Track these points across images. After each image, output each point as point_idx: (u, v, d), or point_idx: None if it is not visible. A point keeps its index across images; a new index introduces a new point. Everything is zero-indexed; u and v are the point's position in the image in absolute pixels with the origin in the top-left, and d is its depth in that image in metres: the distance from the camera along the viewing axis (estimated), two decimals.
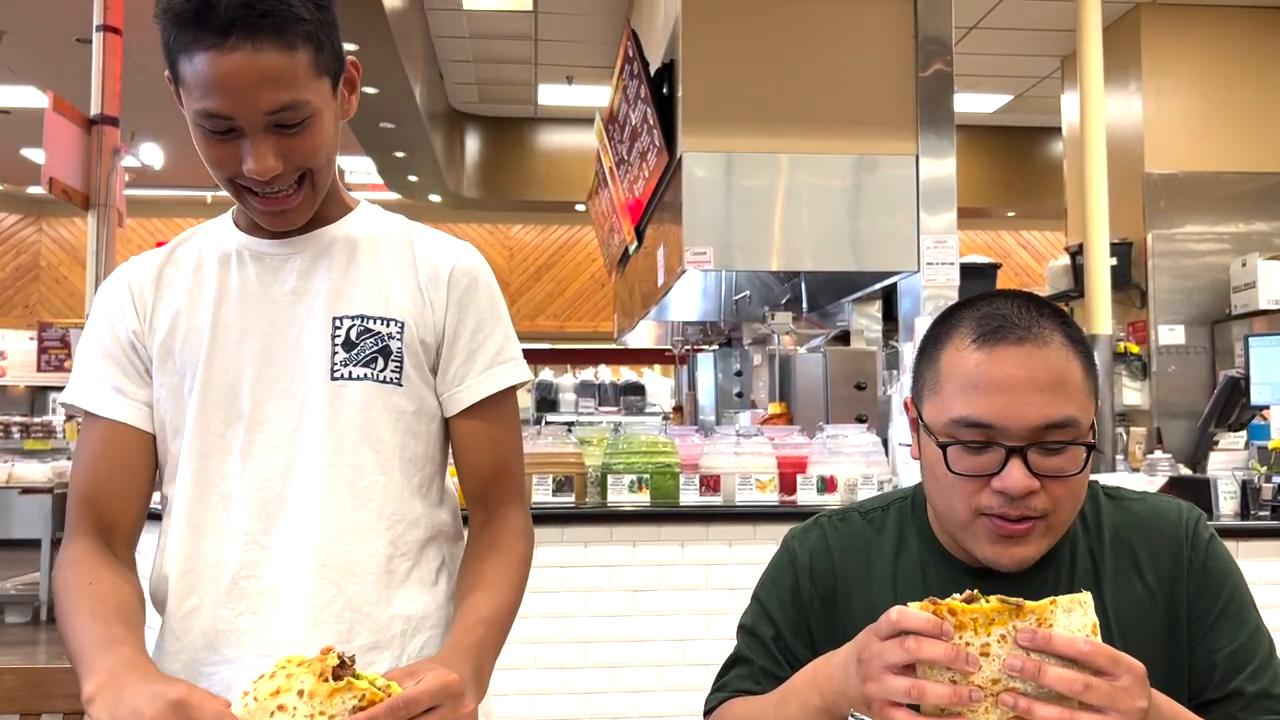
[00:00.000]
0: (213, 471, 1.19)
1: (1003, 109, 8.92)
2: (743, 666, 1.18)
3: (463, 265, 1.27)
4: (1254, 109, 6.41)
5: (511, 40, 7.62)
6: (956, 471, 1.04)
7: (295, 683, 0.87)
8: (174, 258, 1.26)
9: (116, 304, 1.24)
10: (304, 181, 1.15)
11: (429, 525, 1.25)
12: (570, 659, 3.15)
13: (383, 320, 1.21)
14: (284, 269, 1.22)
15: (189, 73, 1.07)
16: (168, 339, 1.21)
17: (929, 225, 4.35)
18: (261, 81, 1.06)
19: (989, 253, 10.88)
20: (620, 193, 6.24)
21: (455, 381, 1.26)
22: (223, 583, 1.17)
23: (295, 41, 1.07)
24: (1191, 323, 6.23)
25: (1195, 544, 1.12)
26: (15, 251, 12.60)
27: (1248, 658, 1.07)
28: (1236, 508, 3.35)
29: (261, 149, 1.09)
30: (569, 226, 12.07)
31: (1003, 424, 1.01)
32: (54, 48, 7.50)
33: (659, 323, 7.67)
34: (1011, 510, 1.03)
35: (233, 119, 1.08)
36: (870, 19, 4.49)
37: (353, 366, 1.19)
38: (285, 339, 1.20)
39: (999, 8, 6.64)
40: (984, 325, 1.05)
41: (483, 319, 1.27)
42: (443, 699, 0.93)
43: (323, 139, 1.14)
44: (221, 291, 1.22)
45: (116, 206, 6.80)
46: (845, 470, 3.40)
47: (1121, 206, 5.82)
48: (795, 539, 1.23)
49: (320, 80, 1.12)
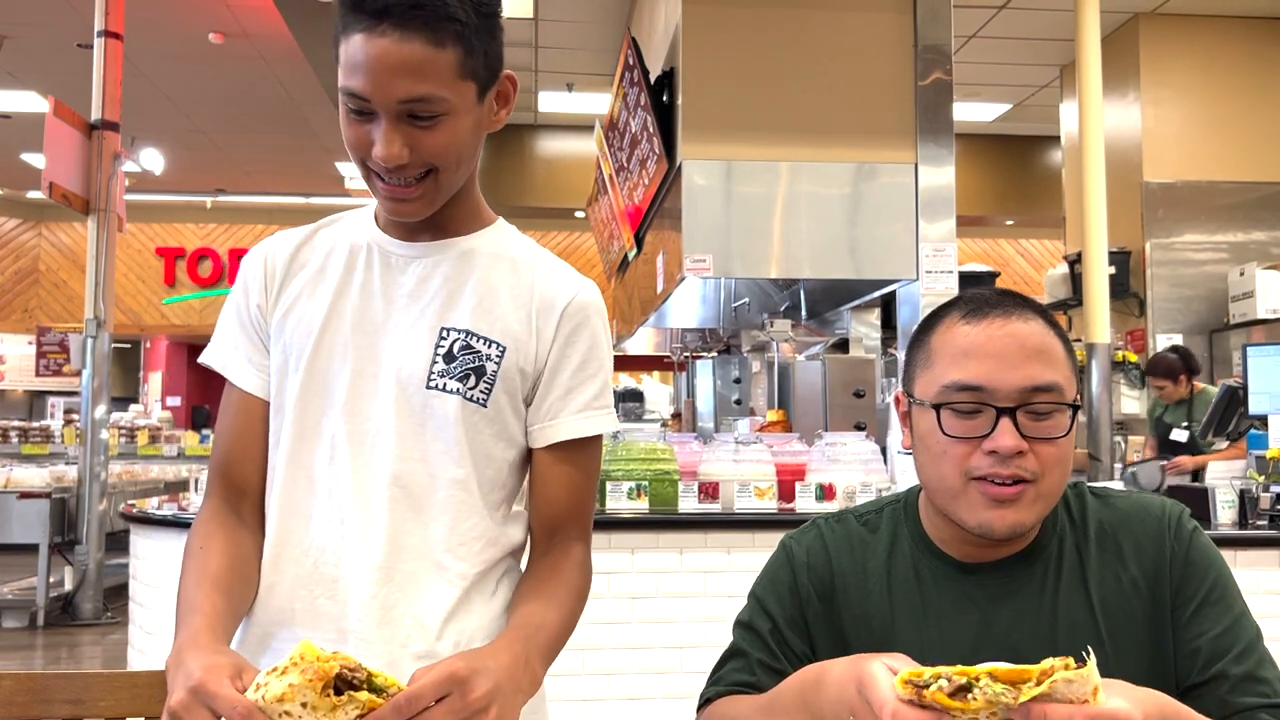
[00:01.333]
0: (304, 455, 1.22)
1: (1002, 118, 8.94)
2: (739, 660, 1.19)
3: (579, 301, 1.26)
4: (1252, 119, 6.43)
5: (512, 47, 7.62)
6: (950, 434, 1.09)
7: (299, 694, 0.89)
8: (313, 240, 1.29)
9: (252, 274, 1.28)
10: (428, 177, 1.16)
11: (497, 546, 1.26)
12: (568, 666, 3.15)
13: (486, 340, 1.22)
14: (406, 271, 1.24)
15: (343, 52, 1.11)
16: (284, 319, 1.25)
17: (928, 233, 4.36)
18: (400, 69, 1.08)
19: (988, 261, 10.90)
20: (620, 200, 6.25)
21: (549, 415, 1.25)
22: (304, 564, 1.20)
23: (444, 39, 1.10)
24: (1189, 332, 6.24)
25: (1178, 534, 1.14)
26: (15, 256, 12.60)
27: (1232, 641, 1.08)
28: (1235, 517, 3.35)
29: (390, 135, 1.11)
30: (568, 233, 12.09)
31: (992, 386, 1.08)
32: (55, 53, 7.51)
33: (658, 329, 7.68)
34: (1002, 470, 1.07)
35: (369, 101, 1.10)
36: (870, 28, 4.50)
37: (448, 379, 1.20)
38: (391, 339, 1.22)
39: (998, 17, 6.66)
40: (970, 305, 1.14)
41: (588, 359, 1.26)
42: (449, 688, 0.93)
43: (455, 140, 1.15)
44: (344, 283, 1.24)
45: (116, 211, 6.81)
46: (844, 478, 3.40)
47: (1120, 215, 5.84)
48: (792, 540, 1.25)
49: (464, 83, 1.14)
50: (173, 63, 7.82)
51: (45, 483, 6.73)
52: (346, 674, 0.91)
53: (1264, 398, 4.38)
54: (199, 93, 8.51)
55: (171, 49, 7.55)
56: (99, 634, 6.21)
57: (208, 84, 8.24)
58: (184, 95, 8.57)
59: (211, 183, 11.60)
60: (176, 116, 9.07)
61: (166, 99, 8.60)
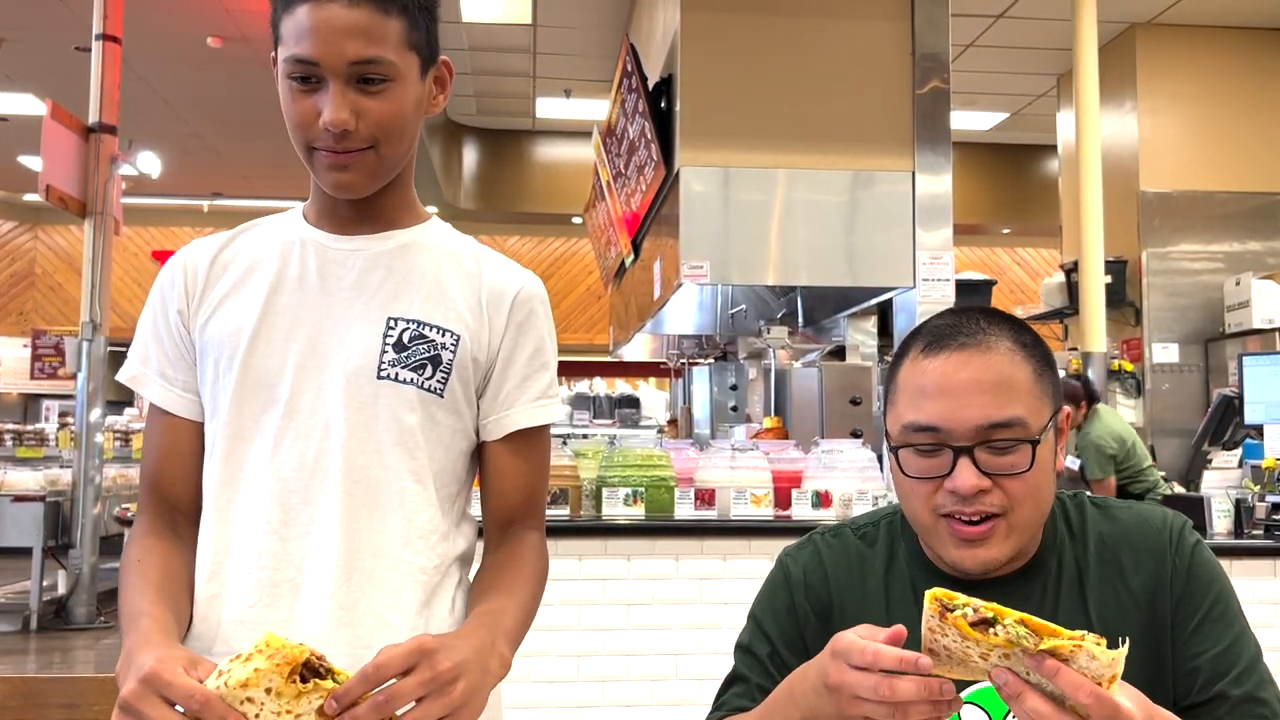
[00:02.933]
0: (241, 456, 1.18)
1: (999, 126, 8.97)
2: (740, 685, 1.18)
3: (528, 291, 1.27)
4: (1248, 129, 6.45)
5: (510, 53, 7.64)
6: (910, 475, 1.09)
7: (264, 679, 0.87)
8: (234, 243, 1.27)
9: (170, 283, 1.25)
10: (369, 151, 1.16)
11: (452, 540, 1.24)
12: (563, 673, 3.14)
13: (439, 329, 1.20)
14: (346, 264, 1.22)
15: (287, 27, 1.13)
16: (211, 321, 1.21)
17: (925, 241, 4.37)
18: (351, 31, 1.11)
19: (984, 269, 10.91)
20: (617, 206, 6.26)
21: (504, 405, 1.25)
22: (246, 571, 1.16)
23: (390, 7, 1.13)
24: (1185, 341, 6.25)
25: (1180, 549, 1.13)
26: (11, 258, 12.58)
27: (1233, 661, 1.07)
28: (1230, 526, 3.36)
29: (339, 100, 1.12)
30: (565, 239, 12.09)
31: (948, 426, 1.06)
32: (53, 56, 7.50)
33: (655, 336, 7.67)
34: (966, 509, 1.06)
35: (318, 65, 1.11)
36: (868, 36, 4.51)
37: (401, 369, 1.18)
38: (335, 332, 1.19)
39: (996, 26, 6.68)
40: (930, 335, 1.12)
41: (540, 349, 1.26)
42: (417, 659, 0.92)
43: (400, 110, 1.15)
44: (279, 279, 1.22)
45: (113, 215, 6.79)
46: (840, 485, 3.40)
47: (1116, 224, 5.85)
48: (789, 557, 1.24)
49: (409, 54, 1.16)
50: (171, 66, 7.82)
51: (39, 486, 6.70)
52: (314, 662, 0.89)
53: (1259, 407, 4.38)
54: (197, 96, 8.51)
55: (169, 53, 7.55)
56: (92, 638, 6.18)
57: (205, 88, 8.24)
58: (182, 99, 8.57)
59: (208, 187, 11.59)
60: (174, 120, 9.07)
61: (164, 103, 8.59)
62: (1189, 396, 6.20)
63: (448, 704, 0.93)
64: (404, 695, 0.91)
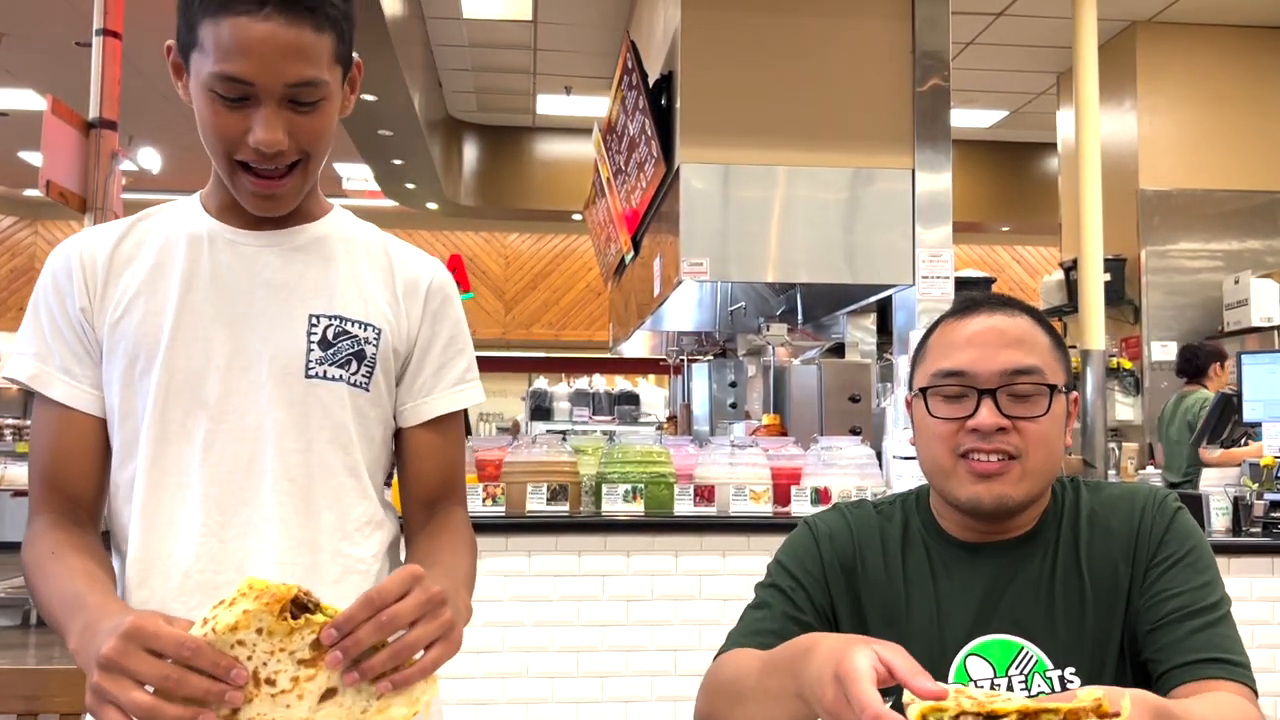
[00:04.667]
0: (170, 460, 1.16)
1: (998, 124, 8.97)
2: (762, 610, 1.23)
3: (439, 279, 1.29)
4: (1248, 127, 6.45)
5: (511, 50, 7.64)
6: (935, 415, 1.19)
7: (254, 620, 0.86)
8: (131, 234, 1.22)
9: (65, 275, 1.19)
10: (298, 166, 1.14)
11: (386, 528, 1.26)
12: (563, 668, 3.15)
13: (361, 324, 1.21)
14: (259, 259, 1.20)
15: (212, 36, 1.07)
16: (122, 319, 1.17)
17: (924, 239, 4.37)
18: (289, 52, 1.07)
19: (983, 267, 10.92)
20: (617, 203, 6.26)
21: (421, 393, 1.26)
22: (175, 576, 1.14)
23: (323, 24, 1.09)
24: (1184, 339, 6.25)
25: (1161, 509, 1.21)
26: (11, 254, 12.58)
27: (1200, 598, 1.13)
28: (1228, 524, 3.36)
29: (272, 120, 1.09)
30: (565, 236, 12.08)
31: (974, 370, 1.18)
32: (53, 51, 7.50)
33: (654, 333, 7.68)
34: (985, 445, 1.16)
35: (253, 85, 1.07)
36: (868, 34, 4.51)
37: (329, 366, 1.19)
38: (257, 330, 1.18)
39: (996, 24, 6.68)
40: (961, 305, 1.26)
41: (455, 335, 1.29)
42: (411, 584, 0.92)
43: (328, 125, 1.15)
44: (191, 275, 1.18)
45: (113, 210, 6.79)
46: (839, 482, 3.41)
47: (1115, 223, 5.85)
48: (815, 517, 1.31)
49: (336, 68, 1.13)
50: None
51: None
52: (302, 597, 0.89)
53: (1258, 405, 4.39)
54: None
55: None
56: None
57: None
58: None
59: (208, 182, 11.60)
60: (174, 116, 9.05)
61: (165, 98, 8.58)
62: None
63: (441, 625, 0.93)
64: (403, 615, 0.91)
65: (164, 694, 0.85)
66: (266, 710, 0.88)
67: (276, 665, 0.88)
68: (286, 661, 0.88)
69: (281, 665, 0.88)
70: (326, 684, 0.90)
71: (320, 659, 0.89)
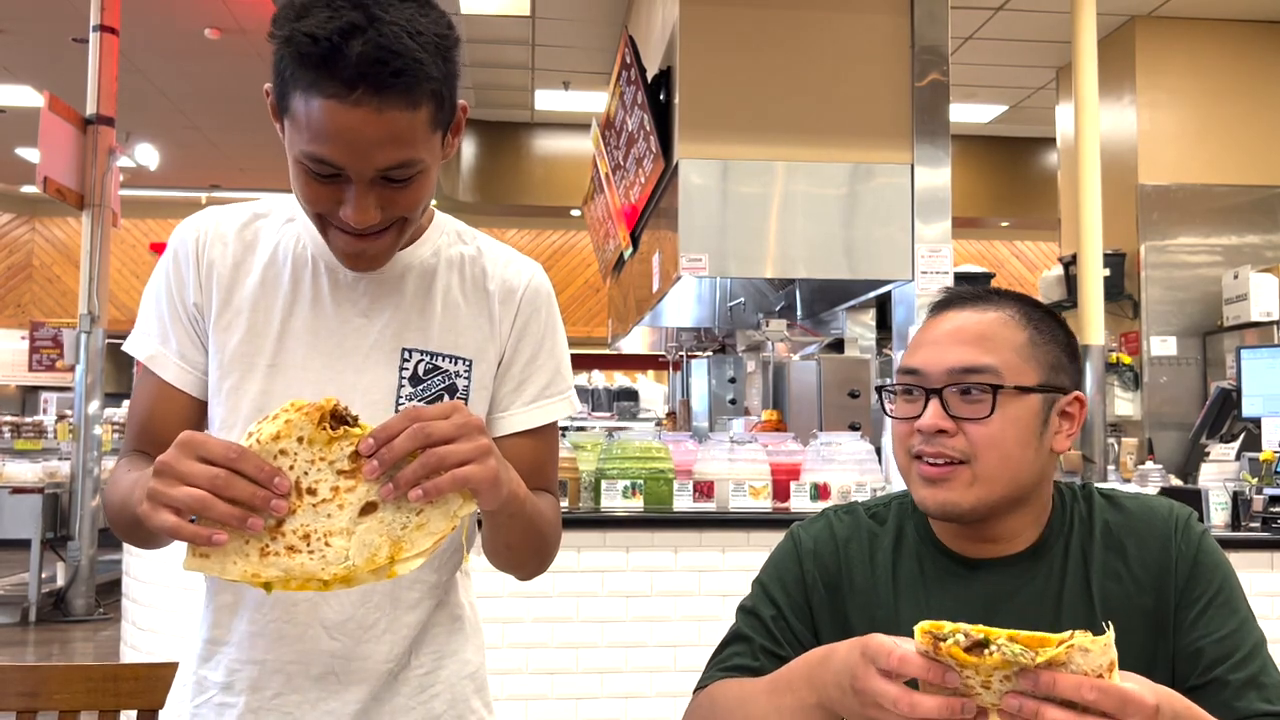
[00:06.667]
0: None
1: (998, 119, 8.96)
2: (741, 644, 1.19)
3: (533, 287, 1.27)
4: (1247, 122, 6.44)
5: (509, 45, 7.63)
6: (890, 414, 1.18)
7: (295, 429, 0.91)
8: (251, 231, 1.22)
9: (186, 264, 1.20)
10: (392, 227, 1.11)
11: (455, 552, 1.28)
12: (562, 664, 3.15)
13: (451, 358, 1.21)
14: (355, 287, 1.20)
15: (302, 112, 1.01)
16: (231, 333, 1.19)
17: (923, 234, 4.37)
18: (380, 140, 1.01)
19: (983, 263, 10.92)
20: (616, 198, 6.25)
21: (499, 408, 1.26)
22: (264, 612, 1.18)
23: (420, 100, 1.02)
24: (1183, 334, 6.25)
25: (1186, 537, 1.14)
26: (8, 251, 12.57)
27: (1236, 645, 1.08)
28: (1228, 519, 3.36)
29: (364, 201, 1.05)
30: (564, 232, 12.08)
31: (925, 369, 1.14)
32: (50, 47, 7.48)
33: (653, 328, 7.67)
34: (928, 448, 1.11)
35: (342, 170, 1.03)
36: (867, 28, 4.51)
37: (418, 402, 1.18)
38: (351, 361, 1.19)
39: (995, 19, 6.67)
40: (942, 299, 1.21)
41: (538, 349, 1.27)
42: (452, 410, 0.95)
43: (426, 192, 1.11)
44: (294, 298, 1.19)
45: (111, 207, 6.79)
46: (839, 478, 3.41)
47: (1115, 218, 5.85)
48: (801, 528, 1.26)
49: (434, 135, 1.07)
50: (168, 58, 7.80)
51: (38, 478, 6.71)
52: (341, 410, 0.93)
53: (1257, 400, 4.39)
54: (194, 88, 8.49)
55: (167, 44, 7.53)
56: (91, 630, 6.19)
57: (203, 80, 8.22)
58: (179, 91, 8.55)
59: (206, 179, 11.58)
60: (172, 112, 9.05)
61: (162, 94, 8.57)
62: (1187, 390, 6.20)
63: (477, 449, 0.95)
64: (440, 430, 0.93)
65: None
66: (309, 521, 0.92)
67: (317, 475, 0.92)
68: (327, 471, 0.93)
69: (322, 475, 0.92)
70: (366, 497, 0.94)
71: (359, 471, 0.93)
